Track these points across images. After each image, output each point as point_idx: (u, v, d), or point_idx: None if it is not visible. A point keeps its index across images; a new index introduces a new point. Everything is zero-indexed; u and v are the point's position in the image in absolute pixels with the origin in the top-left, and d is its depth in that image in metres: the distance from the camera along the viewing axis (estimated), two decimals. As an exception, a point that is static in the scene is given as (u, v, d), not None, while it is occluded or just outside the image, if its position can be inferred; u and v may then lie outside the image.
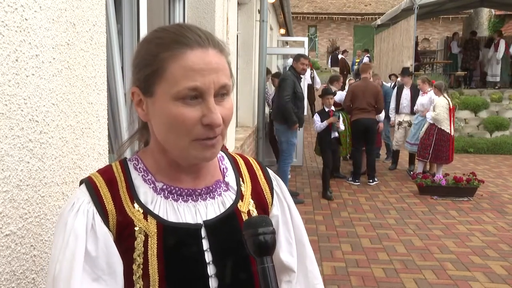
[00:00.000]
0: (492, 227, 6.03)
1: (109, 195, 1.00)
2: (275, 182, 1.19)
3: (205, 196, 1.06)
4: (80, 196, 1.00)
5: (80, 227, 0.95)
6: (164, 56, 0.95)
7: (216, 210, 1.06)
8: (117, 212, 0.99)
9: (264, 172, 1.19)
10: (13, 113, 1.17)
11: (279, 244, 1.13)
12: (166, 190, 1.04)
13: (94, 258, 0.95)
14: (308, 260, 1.19)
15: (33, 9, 1.24)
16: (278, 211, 1.16)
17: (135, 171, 1.05)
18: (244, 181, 1.14)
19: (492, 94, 13.14)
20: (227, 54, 1.02)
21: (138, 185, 1.03)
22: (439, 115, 7.87)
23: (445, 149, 7.97)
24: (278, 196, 1.17)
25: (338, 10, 29.84)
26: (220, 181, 1.10)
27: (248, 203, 1.11)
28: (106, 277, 0.95)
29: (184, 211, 1.03)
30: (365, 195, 7.66)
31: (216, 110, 0.94)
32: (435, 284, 4.35)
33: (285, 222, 1.16)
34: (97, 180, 1.02)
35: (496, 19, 22.53)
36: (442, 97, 7.97)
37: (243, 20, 7.95)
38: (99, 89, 1.69)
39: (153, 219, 1.00)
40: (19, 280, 1.22)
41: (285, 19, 15.42)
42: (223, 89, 0.96)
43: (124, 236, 0.99)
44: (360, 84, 8.35)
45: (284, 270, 1.15)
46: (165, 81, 0.95)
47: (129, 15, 2.68)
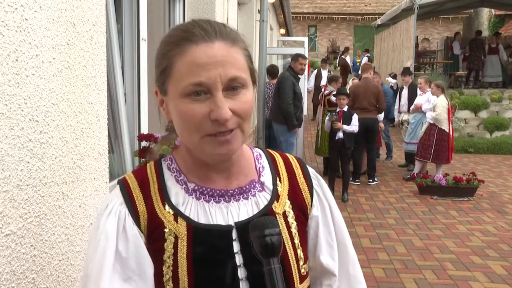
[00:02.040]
0: (492, 227, 6.03)
1: (141, 196, 1.01)
2: (316, 181, 1.15)
3: (238, 196, 1.04)
4: (114, 197, 1.01)
5: (111, 228, 0.97)
6: (172, 53, 0.95)
7: (249, 211, 1.03)
8: (148, 214, 0.99)
9: (304, 170, 1.14)
10: (13, 113, 1.17)
11: (320, 247, 1.10)
12: (198, 191, 1.02)
13: (124, 258, 0.95)
14: (351, 264, 1.14)
15: (33, 9, 1.24)
16: (318, 212, 1.12)
17: (168, 171, 1.05)
18: (281, 180, 1.10)
19: (492, 94, 13.14)
20: (243, 45, 0.99)
21: (170, 186, 1.03)
22: (440, 115, 7.87)
23: (446, 149, 7.98)
24: (318, 196, 1.13)
25: (338, 10, 29.84)
26: (255, 181, 1.07)
27: (284, 203, 1.07)
28: (136, 278, 0.96)
29: (215, 212, 1.01)
30: (365, 195, 7.66)
31: (224, 105, 0.92)
32: (435, 284, 4.35)
33: (325, 223, 1.12)
34: (131, 181, 1.03)
35: (496, 19, 22.53)
36: (442, 96, 7.97)
37: (243, 20, 7.96)
38: (99, 89, 1.69)
39: (183, 220, 0.99)
40: (19, 280, 1.22)
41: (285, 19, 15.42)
42: (233, 81, 0.93)
43: (154, 238, 0.99)
44: (361, 84, 8.35)
45: (324, 273, 1.12)
46: (173, 78, 0.95)
47: (129, 15, 2.68)
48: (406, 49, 14.26)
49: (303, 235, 1.08)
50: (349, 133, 7.07)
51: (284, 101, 6.80)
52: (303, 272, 1.06)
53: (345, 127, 7.03)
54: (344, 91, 7.54)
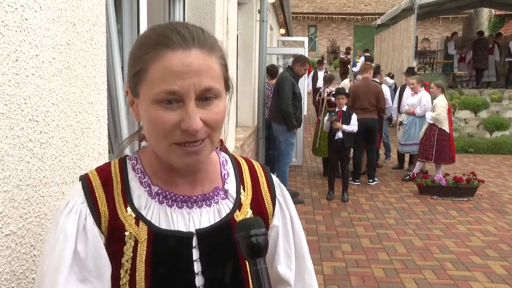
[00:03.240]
0: (492, 227, 6.03)
1: (104, 196, 0.99)
2: (279, 191, 1.14)
3: (201, 203, 1.03)
4: (75, 195, 0.99)
5: (71, 227, 0.95)
6: (147, 57, 0.93)
7: (211, 219, 1.02)
8: (109, 215, 0.98)
9: (268, 179, 1.13)
10: (13, 113, 1.17)
11: (278, 257, 1.10)
12: (161, 194, 1.01)
13: (83, 259, 0.94)
14: (307, 274, 1.15)
15: (33, 9, 1.24)
16: (279, 222, 1.11)
17: (133, 171, 1.03)
18: (245, 188, 1.09)
19: (492, 94, 13.13)
20: (220, 53, 0.96)
21: (134, 188, 1.01)
22: (440, 115, 7.86)
23: (448, 149, 7.97)
24: (280, 206, 1.12)
25: (338, 10, 29.85)
26: (219, 188, 1.06)
27: (246, 213, 1.06)
28: (93, 279, 0.94)
29: (177, 218, 1.00)
30: (365, 195, 7.66)
31: (195, 115, 0.90)
32: (435, 284, 4.35)
33: (285, 233, 1.12)
34: (94, 179, 1.01)
35: (496, 19, 22.54)
36: (442, 96, 7.96)
37: (243, 20, 7.95)
38: (99, 89, 1.69)
39: (145, 225, 0.98)
40: (19, 280, 1.22)
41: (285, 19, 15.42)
42: (207, 92, 0.91)
43: (114, 239, 0.97)
44: (361, 84, 8.35)
45: (281, 283, 1.12)
46: (146, 83, 0.93)
47: (129, 15, 2.68)
48: (406, 49, 14.26)
49: None
50: (348, 133, 7.07)
51: (284, 101, 6.82)
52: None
53: (345, 127, 7.03)
54: (343, 91, 7.54)
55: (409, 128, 8.51)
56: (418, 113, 8.29)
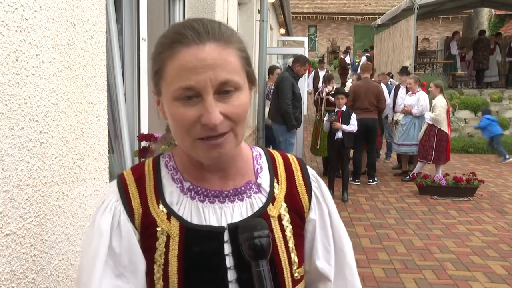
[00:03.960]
0: (492, 227, 6.03)
1: (137, 194, 1.01)
2: (315, 184, 1.12)
3: (233, 198, 1.03)
4: (110, 193, 1.02)
5: (106, 224, 0.98)
6: (164, 56, 0.94)
7: (243, 213, 1.02)
8: (142, 211, 1.00)
9: (304, 172, 1.11)
10: (13, 113, 1.17)
11: (316, 251, 1.08)
12: (193, 190, 1.02)
13: (118, 254, 0.97)
14: (348, 270, 1.11)
15: (33, 9, 1.24)
16: (316, 216, 1.09)
17: (166, 168, 1.05)
18: (279, 182, 1.08)
19: (492, 94, 13.13)
20: (239, 46, 0.96)
21: (166, 184, 1.03)
22: (439, 115, 7.85)
23: (445, 149, 8.01)
24: (317, 199, 1.10)
25: (338, 10, 29.84)
26: (252, 182, 1.05)
27: (280, 206, 1.05)
28: (128, 274, 0.97)
29: (209, 213, 1.00)
30: (365, 195, 7.66)
31: (213, 109, 0.90)
32: (435, 284, 4.35)
33: (323, 227, 1.09)
34: (128, 178, 1.04)
35: (496, 19, 22.53)
36: (441, 96, 7.95)
37: (243, 20, 7.96)
38: (99, 89, 1.69)
39: (176, 220, 0.99)
40: (19, 280, 1.22)
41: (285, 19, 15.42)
42: (225, 85, 0.91)
43: (147, 236, 0.99)
44: (362, 84, 8.35)
45: (320, 278, 1.09)
46: (165, 81, 0.94)
47: (129, 15, 2.68)
48: (406, 49, 14.25)
49: (298, 239, 1.07)
50: (348, 132, 7.07)
51: (283, 101, 6.82)
52: (297, 276, 1.05)
53: (344, 126, 7.04)
54: (342, 90, 7.54)
55: (407, 128, 8.49)
56: (415, 113, 8.28)
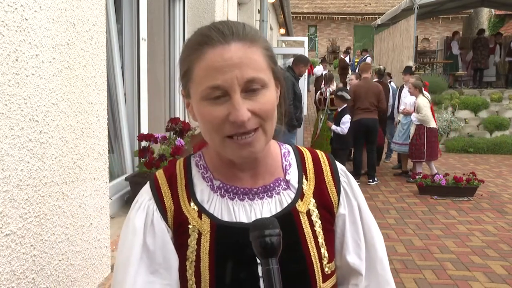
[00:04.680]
0: (492, 227, 6.03)
1: (169, 192, 1.04)
2: (344, 178, 1.13)
3: (262, 195, 1.05)
4: (144, 192, 1.06)
5: (140, 222, 1.01)
6: (190, 58, 0.98)
7: (272, 209, 1.04)
8: (174, 209, 1.03)
9: (333, 168, 1.13)
10: (13, 113, 1.17)
11: (346, 246, 1.10)
12: (222, 188, 1.05)
13: (152, 252, 1.00)
14: (379, 264, 1.12)
15: (33, 9, 1.24)
16: (345, 210, 1.11)
17: (196, 167, 1.08)
18: (307, 178, 1.10)
19: (492, 94, 13.13)
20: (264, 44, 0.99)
21: (197, 183, 1.06)
22: (425, 116, 7.97)
23: (436, 145, 8.13)
24: (346, 194, 1.12)
25: (338, 10, 29.86)
26: (280, 179, 1.08)
27: (309, 202, 1.07)
28: (162, 271, 1.00)
29: (239, 210, 1.03)
30: (365, 195, 7.47)
31: (241, 107, 0.92)
32: (435, 284, 4.35)
33: (353, 222, 1.10)
34: (160, 177, 1.07)
35: (496, 19, 22.54)
36: (421, 96, 8.05)
37: (243, 20, 7.94)
38: (99, 89, 1.69)
39: (207, 218, 1.02)
40: (19, 280, 1.22)
41: (285, 19, 15.43)
42: (251, 83, 0.94)
43: (179, 233, 1.02)
44: (362, 84, 8.34)
45: (351, 272, 1.10)
46: (193, 82, 0.98)
47: (129, 15, 2.68)
48: (406, 49, 14.25)
49: (328, 234, 1.08)
50: (337, 133, 7.12)
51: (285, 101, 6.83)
52: (327, 271, 1.06)
53: (333, 127, 7.11)
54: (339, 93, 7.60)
55: (408, 128, 8.52)
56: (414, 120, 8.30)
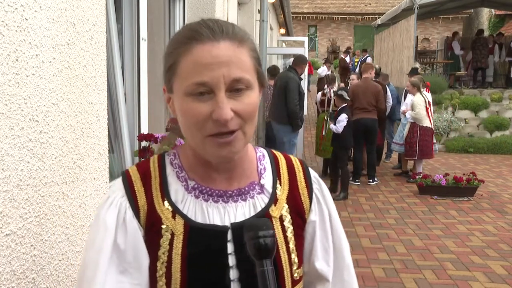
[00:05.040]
0: (492, 227, 6.03)
1: (142, 190, 1.02)
2: (317, 186, 1.13)
3: (237, 198, 1.04)
4: (116, 189, 1.03)
5: (111, 220, 0.98)
6: (178, 52, 0.96)
7: (246, 213, 1.03)
8: (147, 208, 1.00)
9: (306, 174, 1.13)
10: (13, 112, 1.17)
11: (315, 252, 1.10)
12: (197, 189, 1.03)
13: (122, 251, 0.97)
14: (346, 271, 1.13)
15: (33, 9, 1.24)
16: (316, 217, 1.11)
17: (171, 166, 1.06)
18: (281, 183, 1.09)
19: (492, 94, 13.12)
20: (251, 46, 0.99)
21: (171, 182, 1.03)
22: (419, 114, 8.03)
23: (429, 144, 8.14)
24: (318, 201, 1.12)
25: (338, 10, 29.85)
26: (255, 183, 1.07)
27: (282, 207, 1.06)
28: (132, 270, 0.97)
29: (213, 212, 1.01)
30: (365, 195, 7.66)
31: (225, 105, 0.92)
32: (435, 284, 4.35)
33: (323, 228, 1.11)
34: (133, 174, 1.04)
35: (496, 19, 22.53)
36: (418, 94, 8.10)
37: (243, 20, 7.97)
38: (99, 89, 1.69)
39: (181, 218, 1.00)
40: (19, 280, 1.22)
41: (285, 19, 15.43)
42: (237, 83, 0.93)
43: (151, 233, 1.00)
44: (361, 84, 8.35)
45: (318, 278, 1.11)
46: (178, 77, 0.96)
47: (129, 15, 2.68)
48: (406, 49, 14.24)
49: (299, 240, 1.08)
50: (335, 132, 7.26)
51: (292, 101, 6.84)
52: (296, 276, 1.06)
53: (331, 126, 7.20)
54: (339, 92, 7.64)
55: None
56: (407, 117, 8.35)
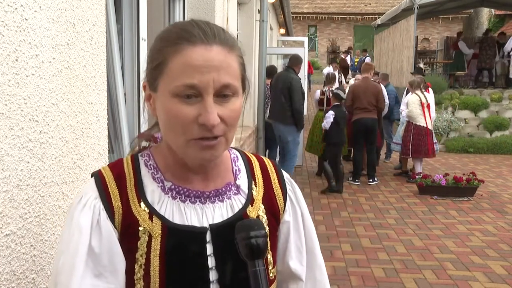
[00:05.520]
0: (492, 227, 6.03)
1: (117, 192, 0.99)
2: (290, 186, 1.15)
3: (214, 198, 1.03)
4: (89, 190, 1.00)
5: (85, 222, 0.95)
6: (167, 51, 0.94)
7: (224, 214, 1.03)
8: (123, 210, 0.98)
9: (279, 175, 1.14)
10: (13, 113, 1.17)
11: (289, 252, 1.11)
12: (174, 190, 1.02)
13: (97, 254, 0.95)
14: (318, 270, 1.15)
15: (33, 9, 1.24)
16: (290, 217, 1.12)
17: (145, 167, 1.04)
18: (256, 184, 1.10)
19: (492, 94, 13.12)
20: (239, 52, 0.99)
21: (147, 183, 1.02)
22: (412, 112, 8.11)
23: (423, 143, 8.13)
24: (291, 202, 1.13)
25: (338, 10, 29.86)
26: (231, 184, 1.07)
27: (258, 208, 1.07)
28: (107, 274, 0.95)
29: (190, 213, 1.00)
30: (365, 195, 7.66)
31: (212, 110, 0.91)
32: (435, 284, 4.35)
33: (296, 229, 1.12)
34: (107, 175, 1.01)
35: (496, 19, 22.53)
36: (413, 94, 8.19)
37: (243, 20, 7.96)
38: (99, 89, 1.69)
39: (158, 220, 0.98)
40: (19, 280, 1.22)
41: (285, 19, 15.43)
42: (225, 89, 0.93)
43: (128, 235, 0.98)
44: (361, 84, 8.37)
45: (292, 278, 1.13)
46: (166, 76, 0.94)
47: (129, 15, 2.67)
48: (406, 49, 14.24)
49: (273, 240, 1.09)
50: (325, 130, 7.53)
51: (297, 102, 6.96)
52: (271, 276, 1.07)
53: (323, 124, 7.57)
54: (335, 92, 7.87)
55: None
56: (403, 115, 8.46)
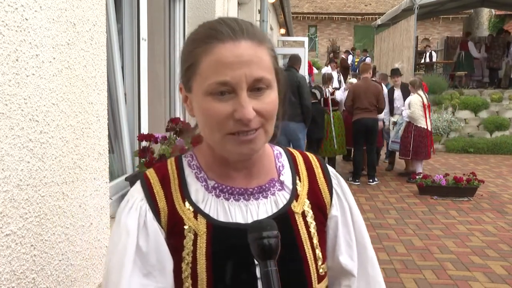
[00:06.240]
0: (492, 227, 6.03)
1: (162, 193, 1.02)
2: (336, 181, 1.14)
3: (258, 195, 1.04)
4: (135, 193, 1.03)
5: (132, 223, 0.98)
6: (197, 51, 0.96)
7: (268, 210, 1.03)
8: (168, 210, 1.00)
9: (324, 170, 1.14)
10: (13, 112, 1.17)
11: (338, 247, 1.10)
12: (217, 188, 1.03)
13: (145, 254, 0.97)
14: (370, 265, 1.14)
15: (33, 9, 1.24)
16: (337, 212, 1.11)
17: (189, 168, 1.06)
18: (301, 180, 1.10)
19: (492, 94, 13.12)
20: (269, 45, 0.99)
21: (190, 183, 1.03)
22: (414, 113, 8.08)
23: (423, 145, 8.14)
24: (338, 196, 1.12)
25: (338, 10, 29.84)
26: (275, 180, 1.07)
27: (303, 203, 1.07)
28: (156, 273, 0.97)
29: (235, 210, 1.01)
30: (365, 195, 7.66)
31: (247, 104, 0.92)
32: (435, 284, 4.35)
33: (345, 223, 1.11)
34: (151, 177, 1.04)
35: (496, 19, 22.52)
36: (415, 94, 8.16)
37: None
38: (99, 89, 1.69)
39: (203, 218, 1.00)
40: (19, 280, 1.22)
41: (285, 19, 15.43)
42: (258, 82, 0.94)
43: (174, 234, 1.00)
44: (361, 84, 8.36)
45: (343, 273, 1.11)
46: (199, 76, 0.96)
47: (129, 15, 2.68)
48: (406, 49, 14.25)
49: (322, 235, 1.08)
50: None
51: (307, 99, 7.17)
52: (321, 272, 1.06)
53: None
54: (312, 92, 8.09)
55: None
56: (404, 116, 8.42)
